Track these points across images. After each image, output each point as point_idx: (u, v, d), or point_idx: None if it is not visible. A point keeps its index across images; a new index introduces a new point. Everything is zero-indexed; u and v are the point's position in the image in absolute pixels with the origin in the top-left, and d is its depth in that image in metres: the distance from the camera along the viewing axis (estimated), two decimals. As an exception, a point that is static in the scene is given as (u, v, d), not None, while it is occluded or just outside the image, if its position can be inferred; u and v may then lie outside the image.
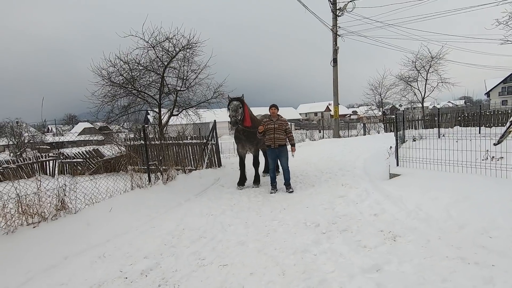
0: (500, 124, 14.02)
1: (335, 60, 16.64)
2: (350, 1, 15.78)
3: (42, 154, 12.06)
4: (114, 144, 9.26)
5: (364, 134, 18.59)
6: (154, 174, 6.32)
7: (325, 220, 4.16)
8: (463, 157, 5.22)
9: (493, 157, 5.92)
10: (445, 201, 4.23)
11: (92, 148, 9.99)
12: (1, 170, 10.83)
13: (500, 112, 16.44)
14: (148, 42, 8.69)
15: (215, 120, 8.47)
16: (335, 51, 16.59)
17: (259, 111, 9.46)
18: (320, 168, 7.97)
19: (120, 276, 3.00)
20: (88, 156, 9.92)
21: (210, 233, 3.95)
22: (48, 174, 11.02)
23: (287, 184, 5.90)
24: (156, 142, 7.54)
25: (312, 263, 2.97)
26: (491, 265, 2.70)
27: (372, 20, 16.64)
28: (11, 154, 24.23)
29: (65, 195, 4.34)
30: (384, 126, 18.32)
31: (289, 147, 6.05)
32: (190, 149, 8.28)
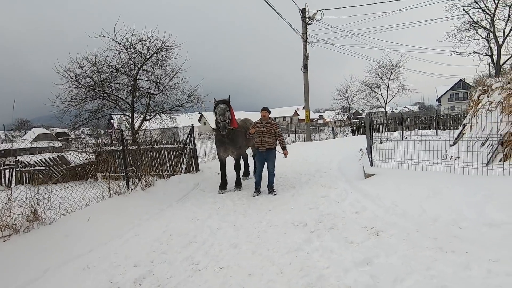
0: (452, 127, 15.44)
1: (305, 66, 17.24)
2: (319, 11, 16.53)
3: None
4: (82, 150, 8.70)
5: (333, 138, 19.40)
6: (131, 181, 6.07)
7: (311, 219, 4.30)
8: (425, 157, 5.74)
9: (451, 156, 6.56)
10: (418, 198, 4.59)
11: (57, 155, 9.29)
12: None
13: (451, 116, 18.27)
14: (120, 43, 8.36)
15: (192, 125, 8.36)
16: (306, 57, 17.20)
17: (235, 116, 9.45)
18: (297, 170, 8.18)
19: (111, 287, 2.85)
20: (52, 163, 9.21)
21: (200, 238, 3.90)
22: (4, 184, 10.03)
23: (271, 187, 5.93)
24: (133, 147, 7.22)
25: (307, 261, 3.07)
26: (465, 252, 3.00)
27: (339, 29, 17.49)
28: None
29: (39, 205, 4.03)
30: (352, 129, 19.28)
31: (280, 149, 6.08)
32: (167, 154, 8.06)
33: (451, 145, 7.79)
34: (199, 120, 55.48)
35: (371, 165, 6.41)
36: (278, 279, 2.76)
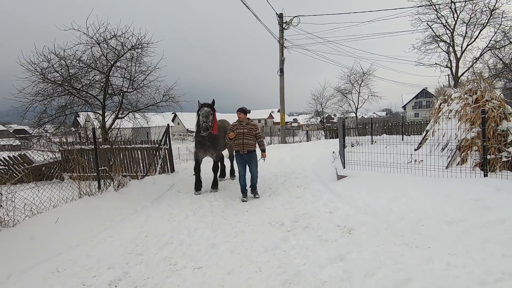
0: (416, 133, 16.51)
1: (281, 70, 17.55)
2: (295, 17, 16.95)
3: None
4: (46, 149, 8.20)
5: (307, 141, 19.91)
6: (103, 181, 5.84)
7: (288, 219, 4.42)
8: (393, 160, 6.15)
9: (415, 160, 7.05)
10: (387, 198, 4.89)
11: (18, 154, 8.65)
12: None
13: (415, 123, 19.55)
14: (92, 38, 8.01)
15: (168, 124, 8.21)
16: (282, 61, 17.53)
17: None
18: (273, 171, 8.32)
19: (84, 290, 2.75)
20: (12, 162, 8.57)
21: (177, 239, 3.86)
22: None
23: (254, 189, 5.79)
24: (105, 146, 6.93)
25: (284, 258, 3.17)
26: (428, 247, 3.26)
27: (314, 36, 18.03)
28: None
29: (1, 205, 3.76)
30: (325, 133, 19.91)
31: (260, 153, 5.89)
32: (141, 154, 7.83)
33: (415, 149, 8.34)
34: (173, 120, 54.27)
35: (344, 167, 6.70)
36: (257, 276, 2.82)
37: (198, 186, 6.32)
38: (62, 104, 8.48)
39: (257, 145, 5.84)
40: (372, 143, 12.03)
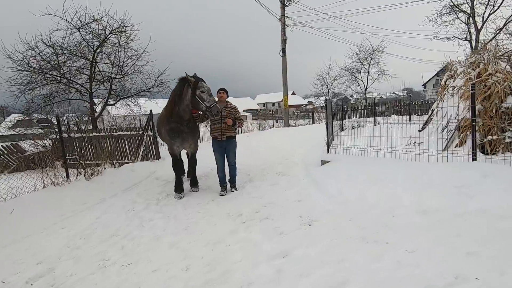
0: (427, 113, 15.49)
1: (283, 50, 16.79)
2: (297, -9, 15.95)
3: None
4: (37, 138, 8.27)
5: (313, 123, 19.27)
6: (78, 170, 5.77)
7: (250, 209, 4.13)
8: (391, 143, 5.50)
9: (415, 142, 6.46)
10: (363, 185, 4.46)
11: (10, 143, 8.82)
12: None
13: (430, 102, 18.27)
14: (71, 23, 7.79)
15: (151, 110, 8.00)
16: (284, 41, 16.73)
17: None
18: (262, 157, 7.99)
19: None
20: (5, 151, 8.75)
21: (125, 231, 3.68)
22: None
23: (233, 182, 5.16)
24: (76, 134, 6.85)
25: (221, 254, 2.90)
26: (385, 242, 2.87)
27: (318, 12, 16.99)
28: None
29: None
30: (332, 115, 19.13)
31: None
32: (125, 142, 7.72)
33: (419, 131, 7.70)
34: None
35: (328, 152, 6.26)
36: (180, 275, 2.58)
37: (179, 187, 5.06)
38: (47, 93, 8.43)
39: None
40: (375, 125, 11.36)
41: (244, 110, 60.36)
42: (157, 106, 11.65)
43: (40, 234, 3.75)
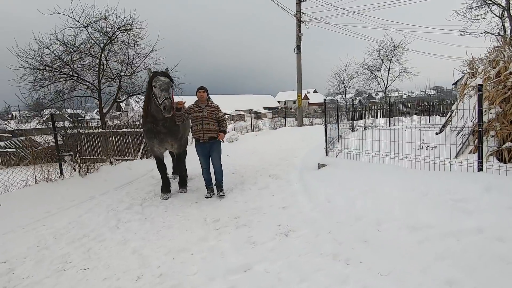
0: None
1: (298, 48, 16.35)
2: (313, -14, 15.43)
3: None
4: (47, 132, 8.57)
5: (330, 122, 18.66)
6: (73, 166, 5.88)
7: (230, 214, 3.95)
8: (402, 147, 4.92)
9: (428, 146, 5.94)
10: (355, 192, 4.13)
11: (25, 138, 9.25)
12: None
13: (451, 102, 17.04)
14: (79, 21, 7.96)
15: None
16: (299, 37, 16.28)
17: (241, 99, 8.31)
18: (263, 157, 7.77)
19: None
20: (21, 145, 9.19)
21: (98, 232, 3.63)
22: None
23: (219, 186, 4.82)
24: (74, 131, 6.98)
25: (179, 264, 2.75)
26: (359, 262, 2.58)
27: (335, 6, 16.34)
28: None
29: None
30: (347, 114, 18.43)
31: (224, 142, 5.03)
32: (129, 139, 7.80)
33: (436, 134, 7.14)
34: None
35: (326, 155, 5.93)
36: (129, 285, 2.45)
37: (165, 187, 4.92)
38: (58, 90, 8.70)
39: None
40: (389, 126, 10.74)
41: (264, 108, 60.14)
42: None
43: (19, 231, 3.79)
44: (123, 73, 9.70)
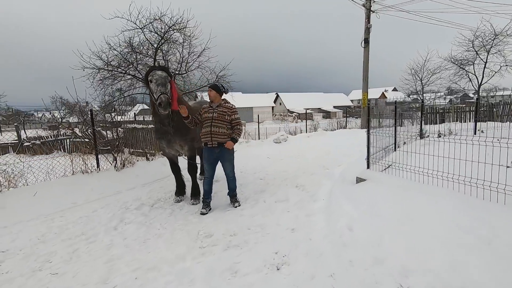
0: None
1: (366, 41, 14.62)
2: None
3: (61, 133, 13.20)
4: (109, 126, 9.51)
5: (401, 125, 16.30)
6: (112, 160, 6.25)
7: (226, 230, 3.48)
8: (481, 165, 3.42)
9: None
10: (385, 221, 3.20)
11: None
12: (31, 145, 12.26)
13: None
14: (136, 23, 8.52)
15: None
16: (367, 29, 14.54)
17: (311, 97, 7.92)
18: (303, 163, 7.04)
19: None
20: (91, 137, 10.44)
21: (94, 231, 3.62)
22: (65, 151, 12.02)
23: (232, 195, 4.39)
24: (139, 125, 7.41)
25: (143, 286, 2.42)
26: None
27: (414, -9, 14.00)
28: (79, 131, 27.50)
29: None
30: (421, 116, 15.75)
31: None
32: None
33: None
34: (275, 101, 55.61)
35: (368, 167, 4.89)
36: (72, 305, 2.23)
37: (179, 190, 4.74)
38: (119, 88, 9.56)
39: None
40: (475, 133, 8.58)
41: (334, 107, 57.07)
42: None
43: (37, 221, 4.04)
44: (177, 72, 10.13)
